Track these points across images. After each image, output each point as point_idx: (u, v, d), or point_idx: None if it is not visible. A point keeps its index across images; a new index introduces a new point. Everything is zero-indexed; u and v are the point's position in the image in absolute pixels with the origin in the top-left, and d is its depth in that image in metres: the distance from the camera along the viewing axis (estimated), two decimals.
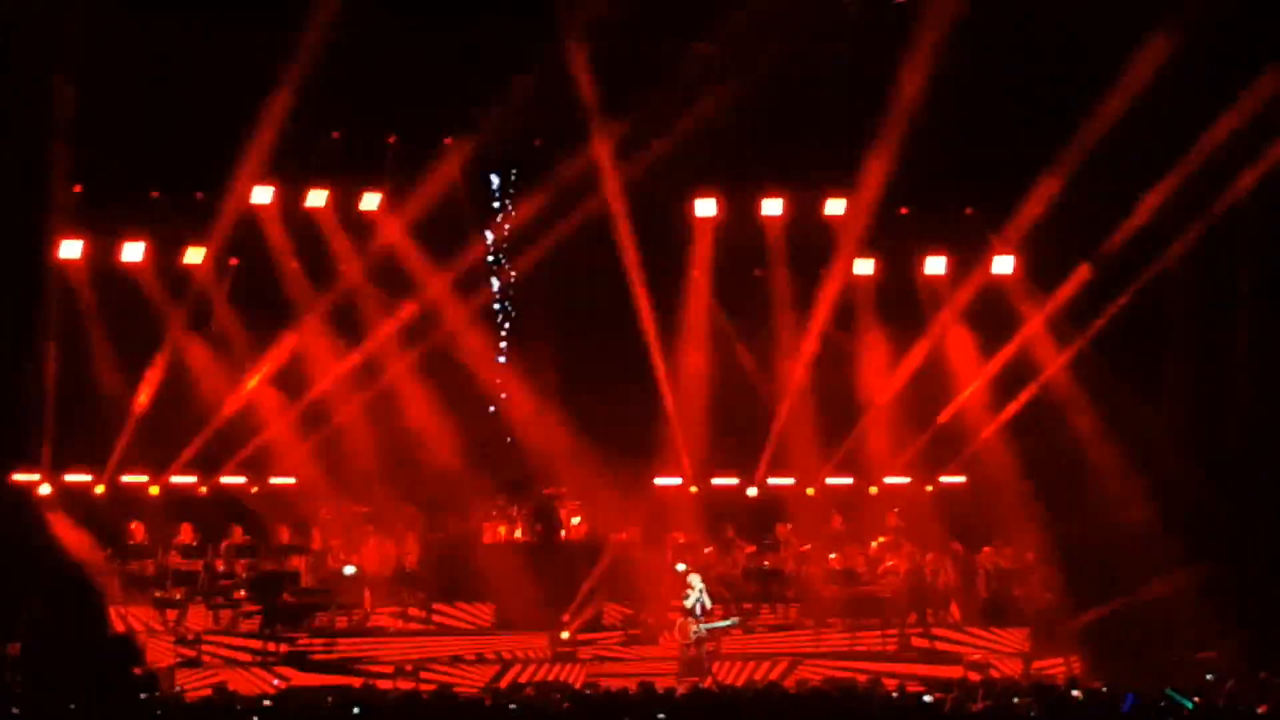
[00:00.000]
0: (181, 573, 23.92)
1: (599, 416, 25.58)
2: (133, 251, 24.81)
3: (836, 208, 25.96)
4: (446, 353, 25.99)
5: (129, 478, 25.07)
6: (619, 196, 25.35)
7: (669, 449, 26.65)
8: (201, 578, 23.96)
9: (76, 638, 21.65)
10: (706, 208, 26.15)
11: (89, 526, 24.12)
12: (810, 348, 26.80)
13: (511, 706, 17.40)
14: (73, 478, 24.74)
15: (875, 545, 25.56)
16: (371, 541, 24.96)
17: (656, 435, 26.50)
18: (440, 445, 25.40)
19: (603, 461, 25.44)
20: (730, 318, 27.11)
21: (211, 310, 25.60)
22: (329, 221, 25.69)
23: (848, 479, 26.85)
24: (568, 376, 26.50)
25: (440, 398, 25.74)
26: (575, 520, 25.42)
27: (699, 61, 24.31)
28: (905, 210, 26.13)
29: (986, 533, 25.41)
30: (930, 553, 25.23)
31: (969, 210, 26.36)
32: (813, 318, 26.52)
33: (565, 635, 23.42)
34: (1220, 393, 24.71)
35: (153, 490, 25.17)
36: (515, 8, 23.58)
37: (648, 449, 26.37)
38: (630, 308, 26.13)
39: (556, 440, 25.86)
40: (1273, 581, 23.09)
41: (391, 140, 25.61)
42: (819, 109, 25.25)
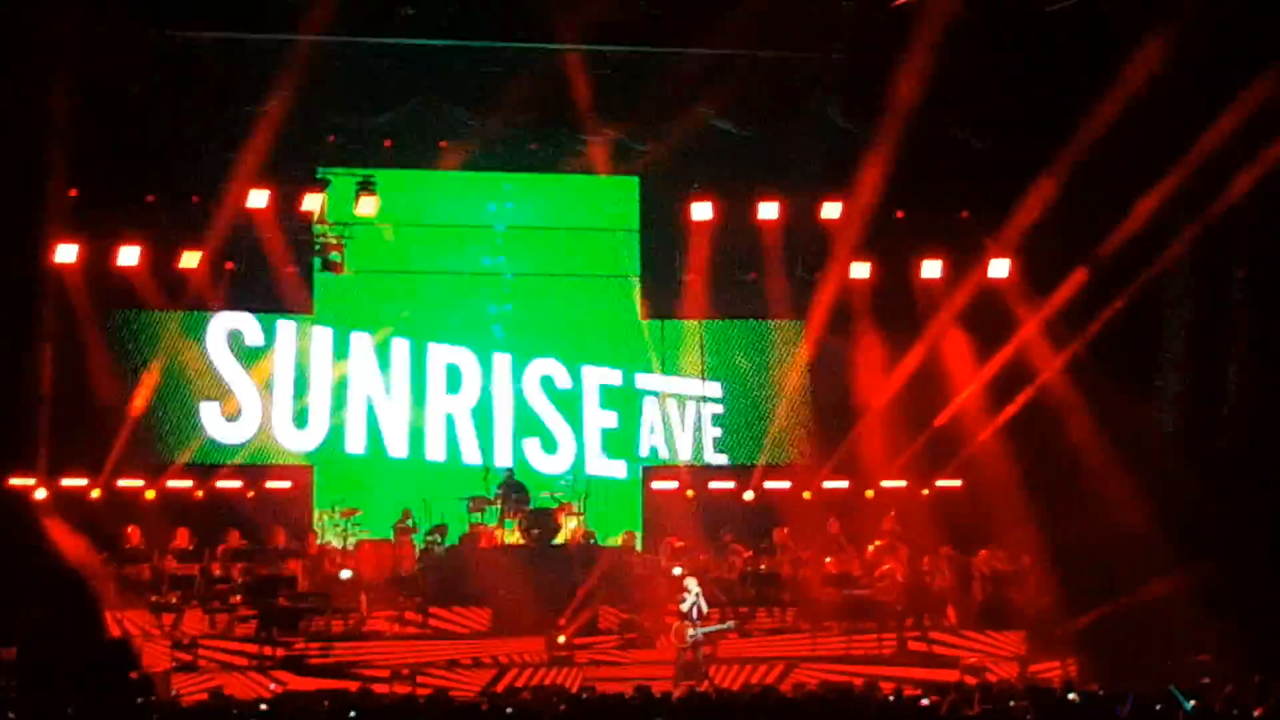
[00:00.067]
0: (178, 577, 23.86)
1: None
2: (128, 255, 24.80)
3: (832, 211, 25.94)
4: None
5: (125, 482, 25.04)
6: None
7: None
8: (198, 582, 23.90)
9: (72, 642, 21.64)
10: (702, 211, 26.14)
11: (85, 531, 24.06)
12: (806, 351, 26.85)
13: (508, 710, 17.40)
14: (68, 482, 24.69)
15: (872, 549, 25.53)
16: (367, 546, 24.98)
17: None
18: None
19: None
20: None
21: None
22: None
23: (844, 483, 26.85)
24: None
25: None
26: (572, 524, 25.40)
27: (695, 64, 24.34)
28: (901, 214, 26.14)
29: (983, 536, 25.38)
30: (926, 556, 25.23)
31: (965, 214, 26.36)
32: (809, 321, 26.57)
33: (562, 639, 23.39)
34: (1217, 395, 24.69)
35: (149, 494, 25.19)
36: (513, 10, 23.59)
37: None
38: None
39: None
40: (1270, 583, 23.07)
41: (388, 144, 25.62)
42: (815, 112, 25.30)
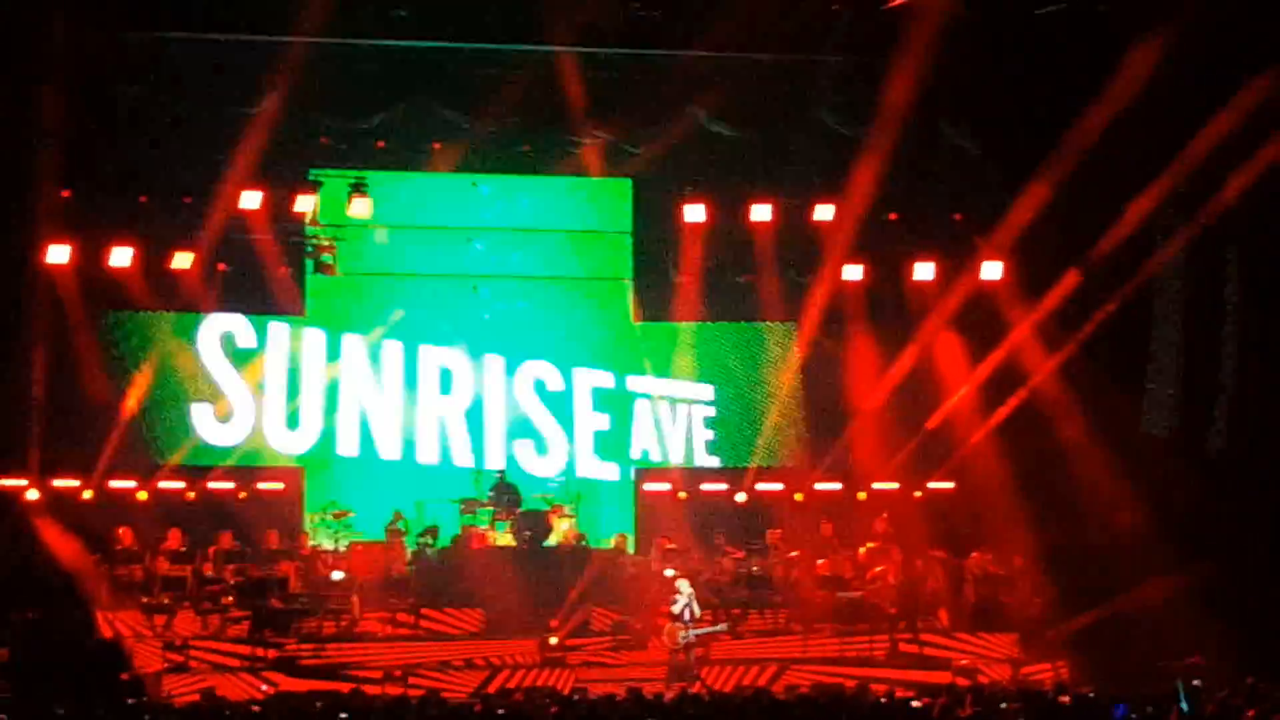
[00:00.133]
0: (170, 578, 23.83)
1: None
2: (121, 256, 24.77)
3: (825, 213, 25.94)
4: None
5: (117, 483, 25.02)
6: None
7: None
8: (189, 583, 23.87)
9: (64, 643, 21.62)
10: (695, 213, 26.13)
11: (77, 532, 24.03)
12: (799, 353, 26.85)
13: (500, 711, 17.39)
14: (60, 483, 24.67)
15: (864, 551, 25.52)
16: (359, 547, 24.96)
17: None
18: None
19: None
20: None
21: None
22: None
23: (836, 485, 26.85)
24: None
25: None
26: (564, 526, 25.39)
27: (688, 66, 24.34)
28: (894, 216, 26.15)
29: (975, 538, 25.38)
30: (919, 558, 25.23)
31: (958, 216, 26.37)
32: (801, 323, 26.57)
33: (554, 641, 23.37)
34: (1209, 398, 24.71)
35: (141, 495, 25.17)
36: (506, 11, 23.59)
37: None
38: None
39: None
40: (1263, 586, 23.08)
41: (380, 145, 25.61)
42: (808, 114, 25.30)
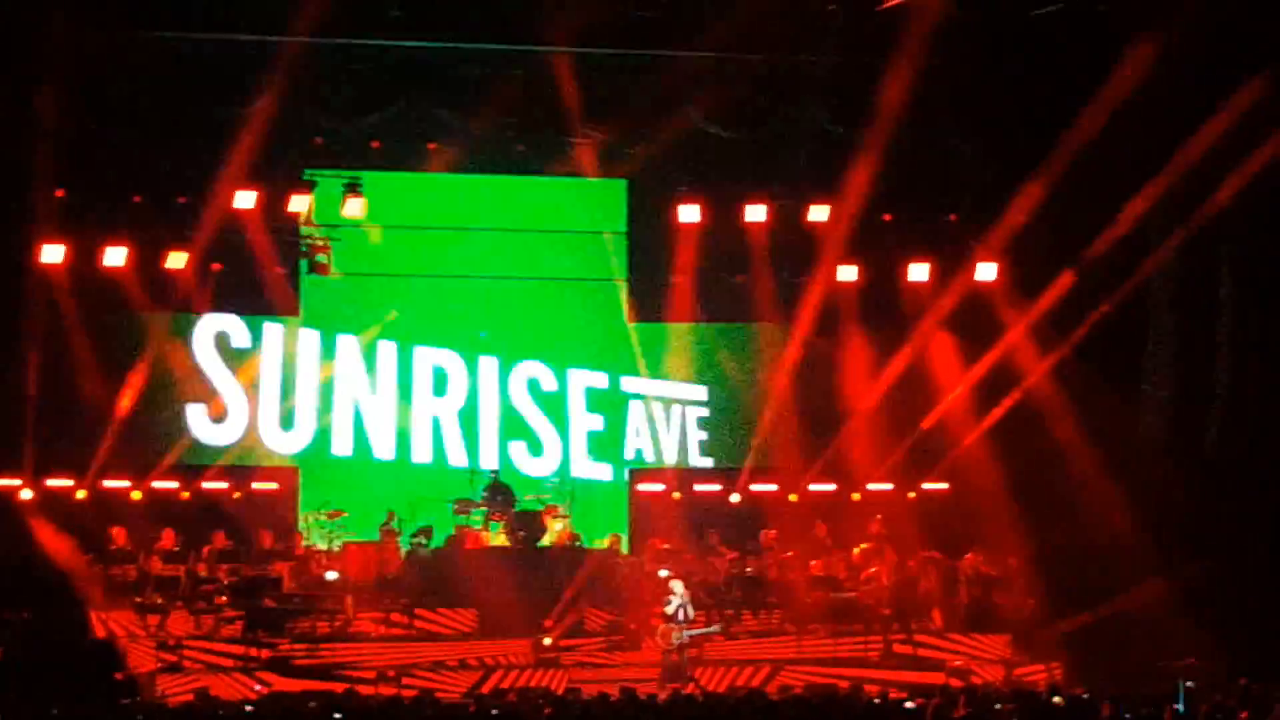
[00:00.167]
0: (163, 578, 23.81)
1: None
2: (115, 256, 24.75)
3: (820, 214, 25.93)
4: None
5: (111, 483, 25.02)
6: None
7: None
8: (183, 583, 23.85)
9: (57, 643, 21.61)
10: (690, 214, 26.12)
11: (70, 531, 24.03)
12: (793, 354, 26.83)
13: (494, 712, 17.39)
14: (54, 483, 24.67)
15: (858, 552, 25.51)
16: (353, 547, 24.95)
17: None
18: None
19: None
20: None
21: None
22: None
23: (830, 485, 26.85)
24: None
25: None
26: (558, 527, 25.37)
27: (683, 67, 24.33)
28: (888, 217, 26.14)
29: (969, 539, 25.38)
30: (912, 559, 25.23)
31: (952, 217, 26.37)
32: (796, 324, 26.56)
33: (548, 641, 23.36)
34: (1204, 400, 24.71)
35: (135, 495, 25.15)
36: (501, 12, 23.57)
37: None
38: None
39: None
40: (1256, 587, 23.09)
41: (375, 146, 25.58)
42: (803, 115, 25.29)
